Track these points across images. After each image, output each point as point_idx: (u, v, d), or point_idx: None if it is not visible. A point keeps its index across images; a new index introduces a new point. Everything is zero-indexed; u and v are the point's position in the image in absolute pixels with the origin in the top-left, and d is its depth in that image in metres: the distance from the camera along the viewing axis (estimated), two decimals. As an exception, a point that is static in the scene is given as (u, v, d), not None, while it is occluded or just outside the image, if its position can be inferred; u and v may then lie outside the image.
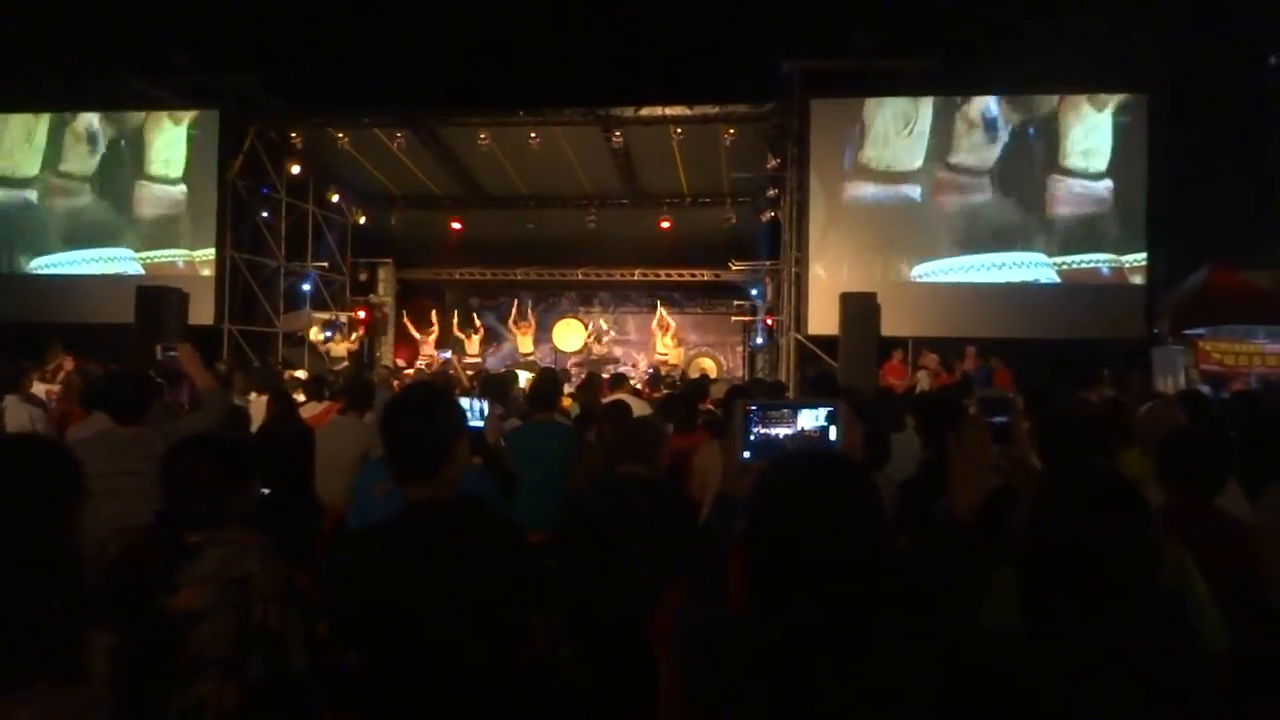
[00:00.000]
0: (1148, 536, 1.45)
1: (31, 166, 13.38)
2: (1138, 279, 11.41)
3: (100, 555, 1.90)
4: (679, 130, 12.64)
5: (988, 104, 11.63)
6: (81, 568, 1.21)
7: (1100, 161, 11.47)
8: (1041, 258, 11.57)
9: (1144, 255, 11.38)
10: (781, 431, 1.65)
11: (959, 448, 1.61)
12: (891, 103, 11.76)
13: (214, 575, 1.99)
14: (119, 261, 13.25)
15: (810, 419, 1.65)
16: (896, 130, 11.75)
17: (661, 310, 16.23)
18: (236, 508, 2.17)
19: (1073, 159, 11.51)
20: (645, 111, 12.51)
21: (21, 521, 1.15)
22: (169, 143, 13.16)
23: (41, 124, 13.38)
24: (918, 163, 11.71)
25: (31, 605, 1.11)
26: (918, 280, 11.78)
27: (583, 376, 11.37)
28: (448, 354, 15.19)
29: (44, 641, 1.12)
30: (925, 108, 11.73)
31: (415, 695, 1.87)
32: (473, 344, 15.62)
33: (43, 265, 13.44)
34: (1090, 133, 11.50)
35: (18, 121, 13.38)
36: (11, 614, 1.09)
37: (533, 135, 12.93)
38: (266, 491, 4.29)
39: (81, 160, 13.30)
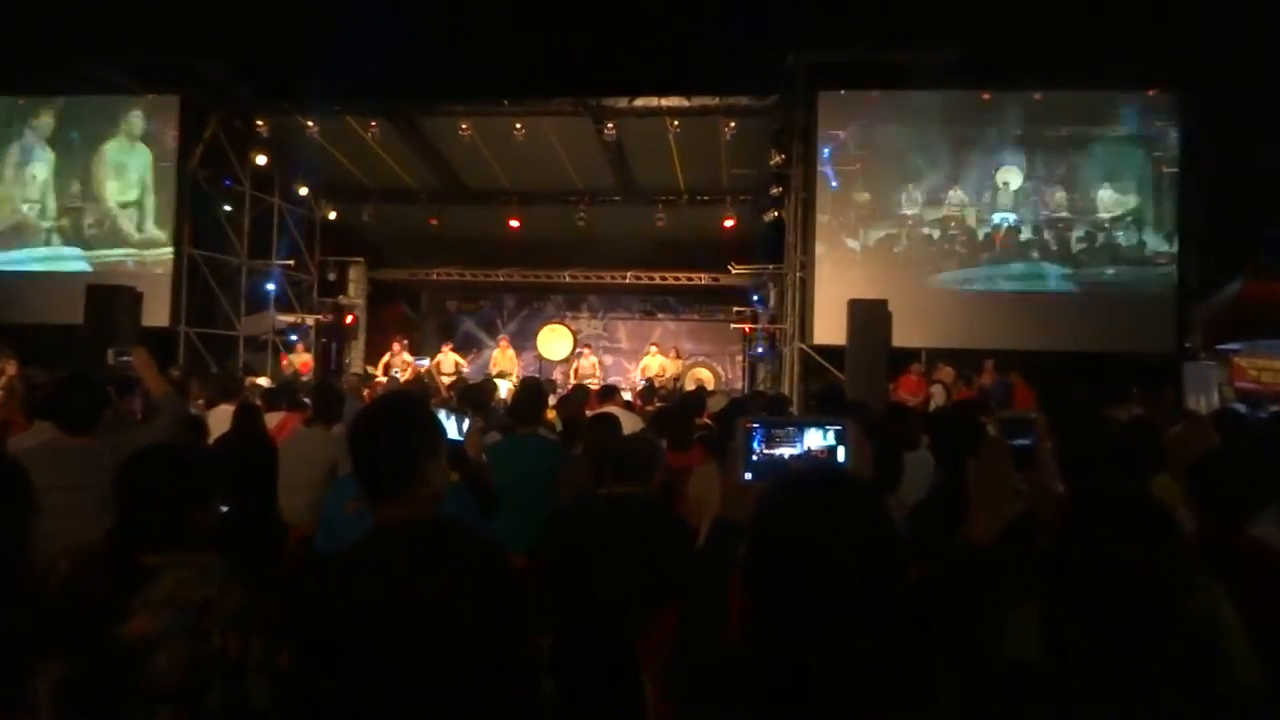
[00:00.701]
0: (1179, 565, 1.46)
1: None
2: (1168, 290, 11.47)
3: (48, 576, 1.89)
4: (676, 123, 12.69)
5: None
6: (30, 590, 1.21)
7: (1129, 171, 11.56)
8: (1061, 269, 11.64)
9: (1174, 267, 11.45)
10: (786, 451, 1.66)
11: (979, 473, 1.61)
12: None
13: (169, 600, 1.99)
14: (65, 260, 13.21)
15: (817, 438, 1.66)
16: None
17: (654, 347, 16.28)
18: (195, 526, 2.16)
19: (1097, 171, 11.60)
20: (640, 102, 12.56)
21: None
22: (122, 136, 13.14)
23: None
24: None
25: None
26: (932, 287, 11.83)
27: (568, 387, 11.36)
28: (425, 361, 15.11)
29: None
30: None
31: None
32: (447, 363, 15.28)
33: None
34: (1116, 141, 11.60)
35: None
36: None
37: (518, 126, 12.95)
38: (225, 509, 4.29)
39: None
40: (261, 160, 13.92)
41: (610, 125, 12.93)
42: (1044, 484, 1.85)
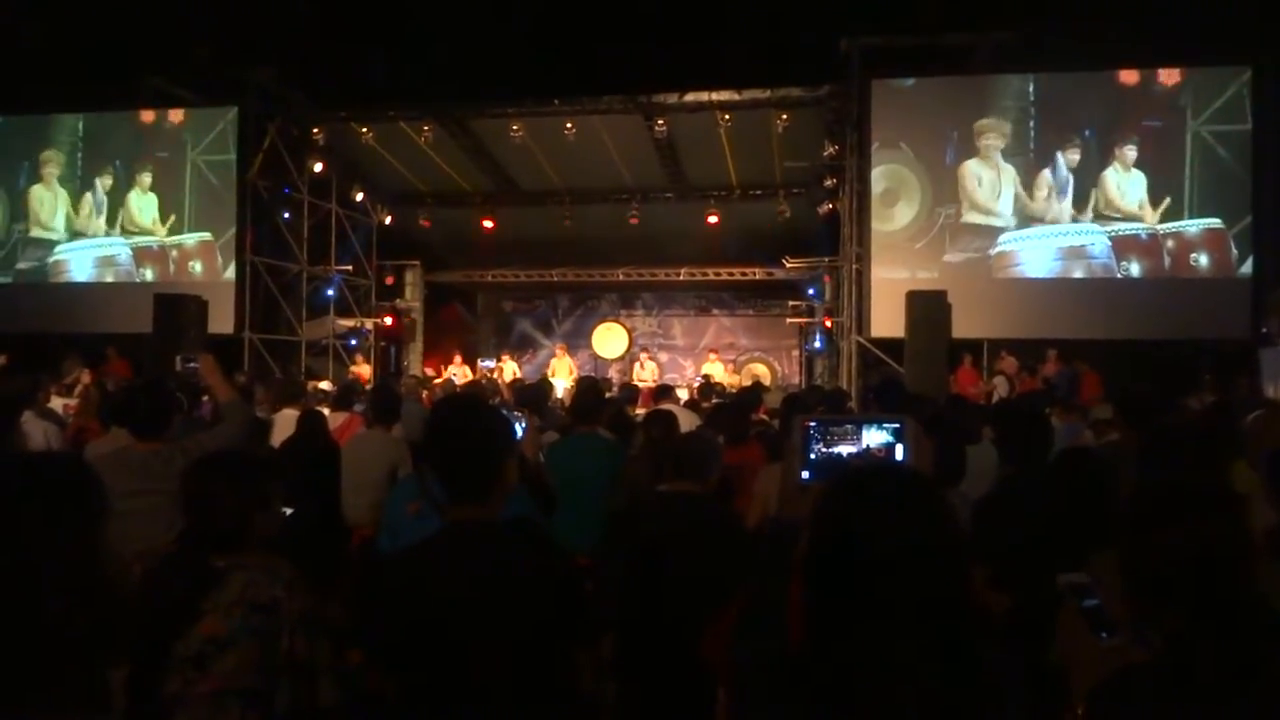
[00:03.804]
0: (1239, 541, 1.43)
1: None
2: (1243, 271, 11.09)
3: (122, 579, 1.95)
4: (727, 117, 12.63)
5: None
6: (107, 593, 1.26)
7: (1197, 148, 11.22)
8: (1127, 252, 11.33)
9: (1249, 248, 11.06)
10: (844, 449, 1.65)
11: (1064, 644, 1.57)
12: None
13: (238, 601, 2.04)
14: (130, 270, 13.67)
15: (875, 436, 1.64)
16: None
17: (714, 355, 16.28)
18: (260, 528, 2.22)
19: (1164, 149, 11.28)
20: (690, 97, 12.52)
21: (52, 545, 1.20)
22: (182, 146, 13.55)
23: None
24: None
25: (64, 631, 1.16)
26: (992, 275, 11.60)
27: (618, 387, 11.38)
28: (490, 363, 15.33)
29: (75, 668, 1.17)
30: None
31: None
32: (506, 371, 15.42)
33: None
34: (1183, 119, 11.26)
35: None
36: (39, 642, 1.14)
37: (569, 126, 13.01)
38: (290, 511, 4.38)
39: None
40: (318, 168, 14.19)
41: (661, 122, 12.92)
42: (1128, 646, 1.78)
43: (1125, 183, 11.36)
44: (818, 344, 15.65)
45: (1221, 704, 1.35)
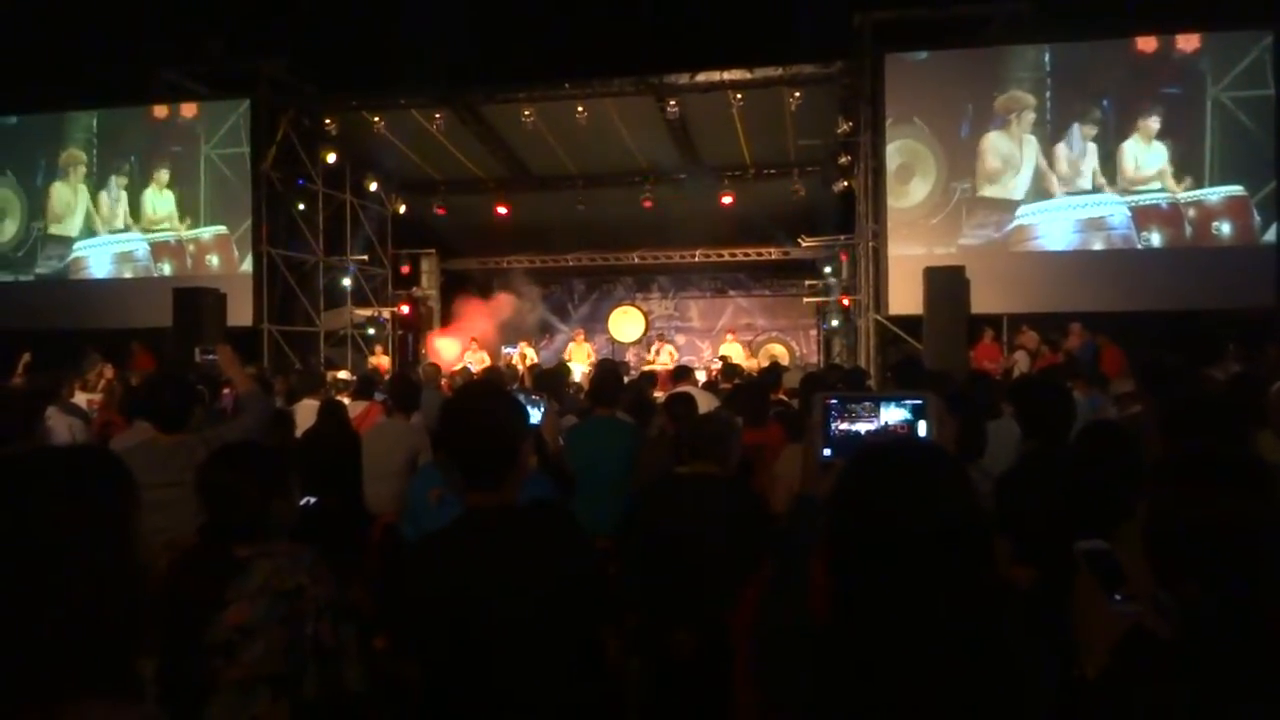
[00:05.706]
0: (1265, 513, 1.42)
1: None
2: (1266, 239, 10.94)
3: (150, 569, 1.98)
4: (739, 96, 12.54)
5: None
6: (139, 582, 1.27)
7: (1218, 115, 11.05)
8: (1148, 222, 11.19)
9: (1273, 214, 10.90)
10: (865, 427, 1.64)
11: (1077, 607, 1.56)
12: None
13: (263, 589, 2.06)
14: (148, 264, 13.77)
15: (896, 413, 1.63)
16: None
17: (731, 335, 16.27)
18: (279, 517, 2.24)
19: (1184, 117, 11.11)
20: (702, 77, 12.43)
21: (86, 536, 1.21)
22: (194, 141, 13.59)
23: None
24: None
25: (98, 621, 1.17)
26: (1010, 247, 11.50)
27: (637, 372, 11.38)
28: (514, 349, 15.37)
29: (109, 657, 1.19)
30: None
31: (481, 715, 1.90)
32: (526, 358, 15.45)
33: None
34: (1203, 85, 11.08)
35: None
36: (80, 630, 1.16)
37: (580, 109, 12.96)
38: (313, 500, 4.42)
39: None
40: (332, 158, 14.22)
41: (673, 103, 12.84)
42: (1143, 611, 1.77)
43: (1145, 154, 11.21)
44: (835, 323, 15.59)
45: (1241, 676, 1.34)
